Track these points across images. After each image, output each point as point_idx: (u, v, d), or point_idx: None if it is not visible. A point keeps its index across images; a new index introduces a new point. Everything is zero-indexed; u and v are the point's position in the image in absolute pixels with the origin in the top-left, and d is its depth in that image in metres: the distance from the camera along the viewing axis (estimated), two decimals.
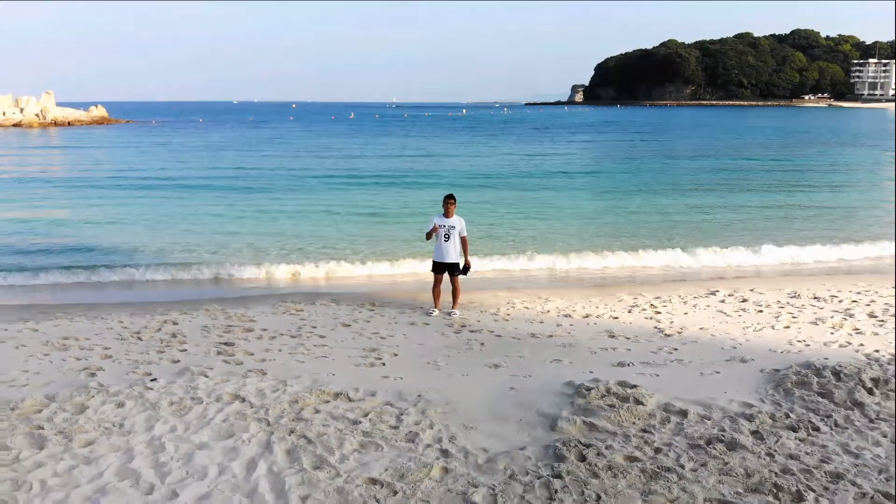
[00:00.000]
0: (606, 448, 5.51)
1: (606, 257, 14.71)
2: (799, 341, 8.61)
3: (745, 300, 10.83)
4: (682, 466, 5.26)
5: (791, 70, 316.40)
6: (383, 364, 7.75)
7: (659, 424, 6.02)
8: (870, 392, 6.79)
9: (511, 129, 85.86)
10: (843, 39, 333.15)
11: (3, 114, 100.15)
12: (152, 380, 7.07)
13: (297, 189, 27.84)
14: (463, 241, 10.24)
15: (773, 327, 9.26)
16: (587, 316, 9.90)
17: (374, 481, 4.97)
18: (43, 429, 5.93)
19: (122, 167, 35.32)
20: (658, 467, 5.21)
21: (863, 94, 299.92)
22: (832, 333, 8.97)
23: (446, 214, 10.27)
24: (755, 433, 5.88)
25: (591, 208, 23.05)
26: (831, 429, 6.03)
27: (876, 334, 8.91)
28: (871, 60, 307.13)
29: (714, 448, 5.58)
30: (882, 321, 9.53)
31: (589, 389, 6.66)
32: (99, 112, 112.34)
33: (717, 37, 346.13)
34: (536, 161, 39.55)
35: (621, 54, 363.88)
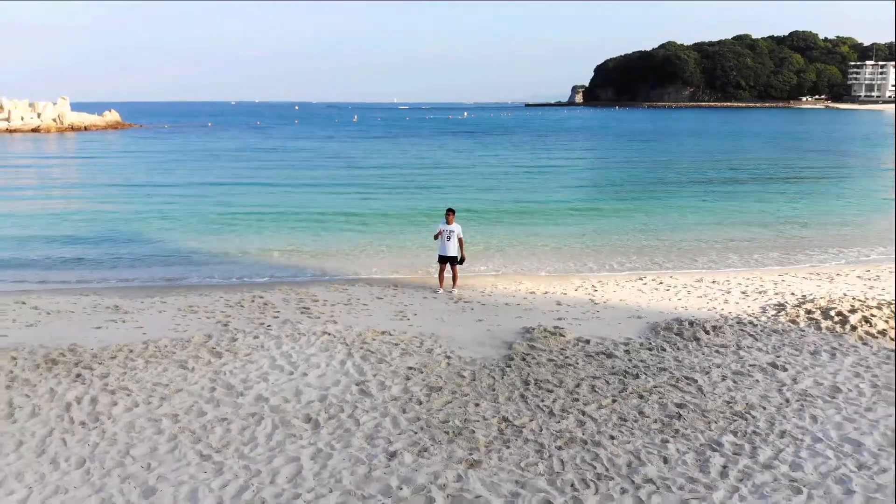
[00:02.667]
0: (537, 356, 9.86)
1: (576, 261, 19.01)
2: (682, 307, 12.94)
3: (661, 283, 15.15)
4: (577, 363, 9.60)
5: (789, 72, 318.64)
6: (408, 319, 12.09)
7: (571, 346, 10.37)
8: (707, 333, 11.12)
9: (510, 136, 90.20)
10: (841, 41, 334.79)
11: (22, 118, 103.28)
12: (268, 326, 11.42)
13: (315, 198, 32.12)
14: (460, 240, 14.51)
15: (669, 300, 13.59)
16: (546, 293, 14.21)
17: (410, 367, 9.33)
18: (215, 349, 10.27)
19: (171, 180, 39.46)
20: (564, 364, 9.56)
21: (860, 96, 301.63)
22: (707, 303, 13.29)
23: (448, 222, 14.55)
24: (626, 351, 10.22)
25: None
26: (673, 350, 10.36)
27: (737, 303, 13.23)
28: (868, 62, 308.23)
29: (599, 357, 9.92)
30: (747, 295, 13.85)
31: (533, 329, 11.04)
32: (113, 116, 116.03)
33: (715, 38, 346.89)
34: (529, 179, 41.78)
35: (621, 56, 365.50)
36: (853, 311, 12.16)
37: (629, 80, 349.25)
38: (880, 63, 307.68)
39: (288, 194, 32.64)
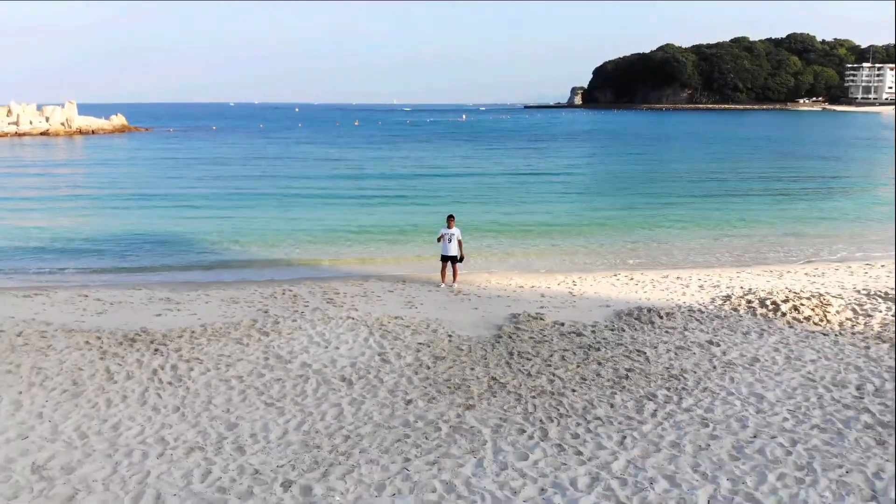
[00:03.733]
0: (521, 334, 12.33)
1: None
2: (646, 298, 15.40)
3: (632, 279, 17.61)
4: (552, 340, 12.08)
5: (786, 74, 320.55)
6: (416, 307, 14.55)
7: (549, 328, 12.84)
8: (661, 318, 13.59)
9: (507, 141, 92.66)
10: (838, 43, 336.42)
11: (31, 123, 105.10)
12: (301, 313, 13.89)
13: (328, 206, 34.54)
14: (459, 242, 16.95)
15: (636, 292, 16.04)
16: (532, 287, 16.67)
17: (419, 343, 11.81)
18: (262, 329, 12.73)
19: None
20: (542, 340, 12.03)
21: (856, 98, 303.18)
22: (668, 295, 15.75)
23: (448, 226, 16.99)
24: (592, 331, 12.69)
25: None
26: (630, 330, 12.80)
27: (692, 295, 15.68)
28: (864, 65, 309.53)
29: (570, 335, 12.39)
30: (703, 288, 16.32)
31: (519, 315, 13.51)
32: (119, 120, 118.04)
33: (713, 41, 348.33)
34: (522, 187, 43.34)
35: (619, 58, 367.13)
36: (786, 300, 14.62)
37: (627, 82, 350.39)
38: (877, 65, 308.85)
39: (299, 206, 34.68)
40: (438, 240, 17.13)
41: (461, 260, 17.11)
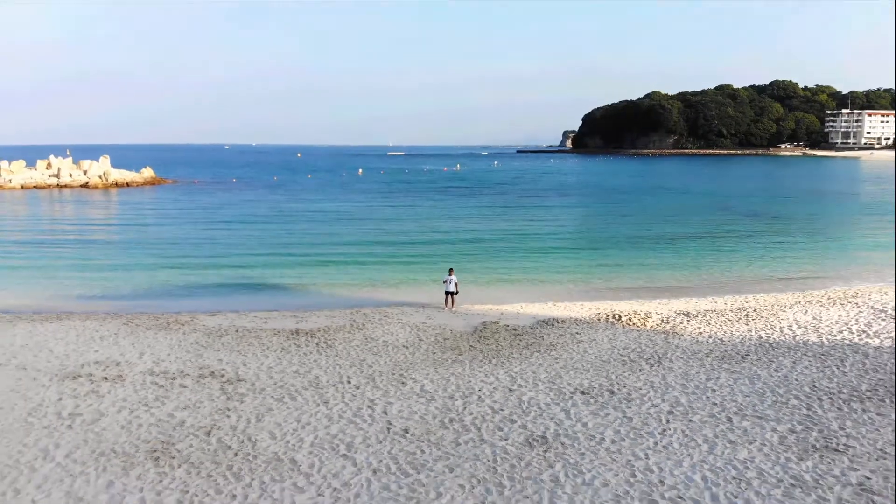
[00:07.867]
0: (486, 330, 25.60)
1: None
2: (556, 314, 28.56)
3: (554, 305, 30.76)
4: (501, 332, 25.35)
5: (769, 120, 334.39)
6: (432, 319, 27.72)
7: (500, 327, 26.10)
8: (558, 322, 26.80)
9: (501, 195, 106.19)
10: (820, 90, 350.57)
11: (70, 175, 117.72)
12: (372, 321, 27.08)
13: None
14: (456, 284, 30.09)
15: (552, 312, 29.18)
16: (497, 309, 29.80)
17: (436, 333, 25.09)
18: (358, 327, 25.93)
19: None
20: (496, 332, 25.30)
21: (836, 143, 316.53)
22: (568, 312, 28.91)
23: (449, 275, 30.19)
24: (522, 328, 25.92)
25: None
26: (540, 329, 26.03)
27: (582, 313, 28.84)
28: (843, 111, 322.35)
29: (510, 330, 25.66)
30: (590, 310, 29.50)
31: (486, 322, 26.80)
32: (149, 173, 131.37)
33: (698, 88, 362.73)
34: (505, 243, 58.62)
35: (607, 105, 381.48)
36: (627, 314, 27.83)
37: (616, 128, 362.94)
38: (855, 111, 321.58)
39: (339, 263, 48.26)
40: (443, 282, 30.38)
41: (457, 294, 30.30)
